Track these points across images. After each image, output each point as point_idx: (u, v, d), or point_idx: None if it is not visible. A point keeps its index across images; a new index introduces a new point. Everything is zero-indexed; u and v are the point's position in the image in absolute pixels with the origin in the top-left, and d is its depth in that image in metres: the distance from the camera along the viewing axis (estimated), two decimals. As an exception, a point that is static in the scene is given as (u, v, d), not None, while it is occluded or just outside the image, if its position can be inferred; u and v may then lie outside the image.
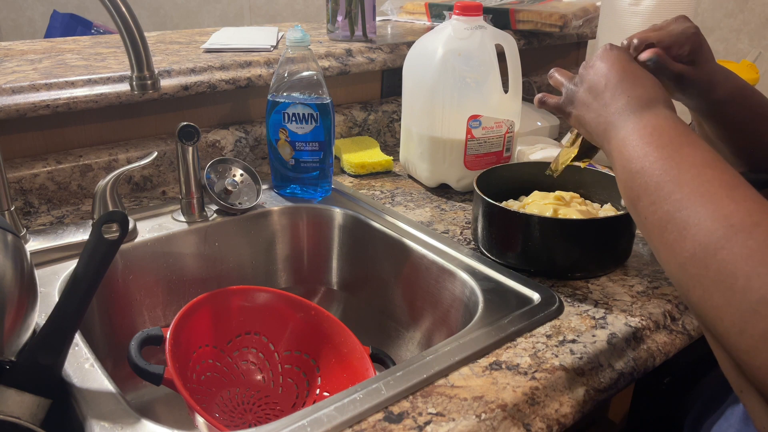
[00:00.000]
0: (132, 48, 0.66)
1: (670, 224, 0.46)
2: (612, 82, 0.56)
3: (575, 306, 0.67)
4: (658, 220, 0.47)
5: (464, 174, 0.92)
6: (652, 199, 0.48)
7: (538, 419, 0.53)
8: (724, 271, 0.41)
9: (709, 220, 0.43)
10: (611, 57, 0.58)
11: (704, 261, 0.42)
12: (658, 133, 0.51)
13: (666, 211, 0.46)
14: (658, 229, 0.47)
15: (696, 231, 0.43)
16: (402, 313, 0.83)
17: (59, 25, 2.80)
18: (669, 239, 0.45)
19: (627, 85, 0.56)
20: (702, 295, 0.42)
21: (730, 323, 0.40)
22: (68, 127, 0.89)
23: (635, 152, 0.51)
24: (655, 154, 0.49)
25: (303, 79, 0.85)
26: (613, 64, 0.58)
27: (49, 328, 0.50)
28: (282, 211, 0.89)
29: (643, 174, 0.49)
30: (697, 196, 0.45)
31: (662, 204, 0.47)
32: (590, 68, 0.59)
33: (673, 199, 0.46)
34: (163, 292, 0.82)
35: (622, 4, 1.11)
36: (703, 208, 0.44)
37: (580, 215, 0.72)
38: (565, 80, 0.62)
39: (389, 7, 1.51)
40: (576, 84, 0.60)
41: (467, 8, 0.88)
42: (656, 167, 0.49)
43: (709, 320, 0.42)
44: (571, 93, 0.61)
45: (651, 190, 0.48)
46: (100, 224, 0.51)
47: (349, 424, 0.50)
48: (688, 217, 0.44)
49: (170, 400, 0.76)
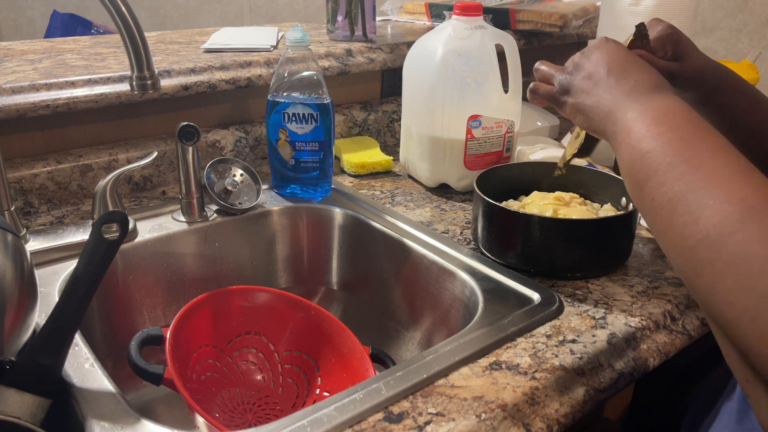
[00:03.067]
0: (132, 48, 0.66)
1: (681, 205, 0.44)
2: (616, 68, 0.56)
3: (575, 306, 0.67)
4: (668, 201, 0.45)
5: (464, 174, 0.92)
6: (663, 180, 0.46)
7: (538, 419, 0.53)
8: (739, 254, 0.39)
9: (724, 202, 0.42)
10: (610, 47, 0.58)
11: (718, 244, 0.41)
12: (672, 114, 0.50)
13: (678, 192, 0.45)
14: (667, 211, 0.45)
15: (710, 213, 0.42)
16: (402, 313, 0.83)
17: (59, 25, 2.80)
18: (679, 221, 0.44)
19: (633, 70, 0.55)
20: (712, 279, 0.41)
21: (743, 308, 0.38)
22: (68, 127, 0.89)
23: (647, 131, 0.49)
24: (668, 134, 0.48)
25: (303, 79, 0.85)
26: (615, 52, 0.57)
27: (49, 328, 0.50)
28: (282, 211, 0.89)
29: (655, 153, 0.48)
30: (711, 178, 0.44)
31: (674, 184, 0.45)
32: (587, 58, 0.59)
33: (687, 180, 0.45)
34: (163, 292, 0.82)
35: (622, 4, 1.11)
36: (719, 190, 0.43)
37: (580, 215, 0.72)
38: (555, 71, 0.62)
39: (389, 7, 1.51)
40: (570, 73, 0.60)
41: (467, 8, 0.88)
42: (669, 147, 0.47)
43: (718, 306, 0.41)
44: (565, 82, 0.60)
45: (662, 170, 0.47)
46: (100, 224, 0.51)
47: (349, 424, 0.50)
48: (702, 198, 0.43)
49: (170, 400, 0.76)
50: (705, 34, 1.93)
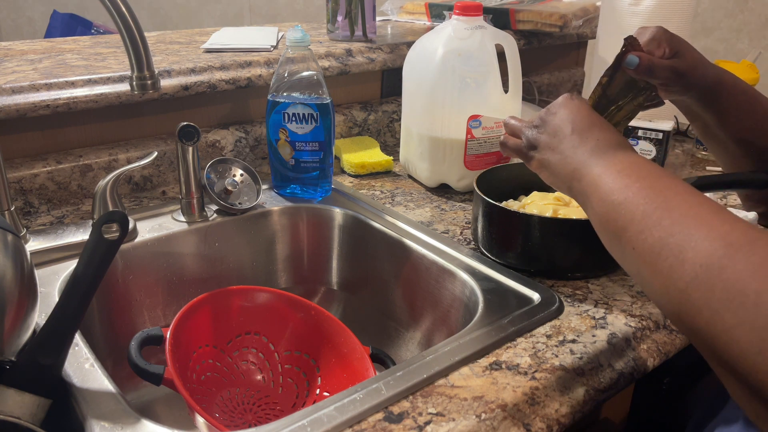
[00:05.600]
0: (132, 48, 0.66)
1: (664, 250, 0.45)
2: (579, 127, 0.57)
3: (575, 306, 0.67)
4: (649, 248, 0.46)
5: (464, 174, 0.92)
6: (640, 228, 0.47)
7: (538, 419, 0.53)
8: (731, 289, 0.39)
9: (706, 240, 0.42)
10: (574, 105, 0.60)
11: (708, 282, 0.41)
12: (636, 167, 0.52)
13: (658, 238, 0.45)
14: (650, 257, 0.46)
15: (694, 254, 0.42)
16: (402, 313, 0.83)
17: (59, 25, 2.80)
18: (665, 266, 0.44)
19: (595, 129, 0.57)
20: (710, 318, 0.40)
21: (747, 343, 0.38)
22: (68, 127, 0.89)
23: (615, 185, 0.51)
24: (636, 184, 0.50)
25: (303, 79, 0.85)
26: (578, 110, 0.59)
27: (49, 328, 0.50)
28: (282, 211, 0.89)
29: (627, 204, 0.49)
30: (688, 219, 0.45)
31: (652, 231, 0.46)
32: (553, 114, 0.60)
33: (664, 225, 0.45)
34: (163, 292, 0.82)
35: (622, 4, 1.11)
36: (697, 230, 0.43)
37: (580, 215, 0.72)
38: (524, 126, 0.63)
39: (389, 7, 1.51)
40: (538, 129, 0.61)
41: (467, 8, 0.88)
42: (641, 196, 0.49)
43: (721, 344, 0.40)
44: (532, 138, 0.61)
45: (638, 218, 0.48)
46: (100, 224, 0.51)
47: (349, 424, 0.50)
48: (683, 240, 0.44)
49: (170, 400, 0.76)
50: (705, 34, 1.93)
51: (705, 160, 1.13)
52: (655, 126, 1.03)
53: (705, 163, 1.12)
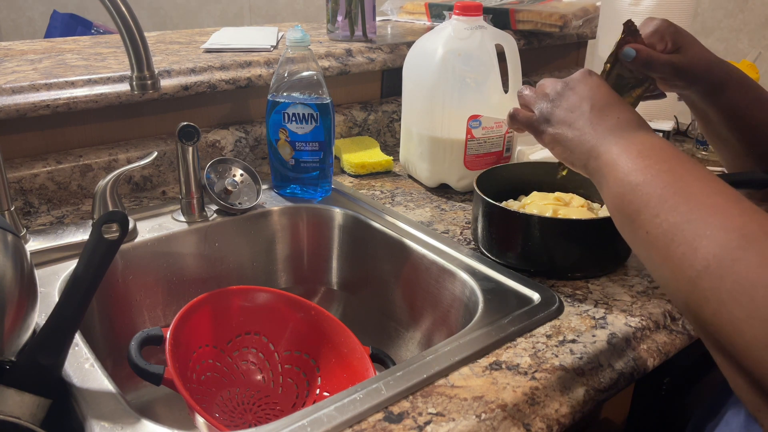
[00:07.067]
0: (132, 48, 0.66)
1: (678, 236, 0.44)
2: (598, 104, 0.56)
3: (575, 306, 0.67)
4: (663, 233, 0.45)
5: (464, 174, 0.92)
6: (656, 212, 0.46)
7: (538, 419, 0.53)
8: (742, 282, 0.39)
9: (722, 230, 0.42)
10: (594, 82, 0.58)
11: (719, 273, 0.40)
12: (657, 149, 0.50)
13: (673, 223, 0.45)
14: (663, 243, 0.45)
15: (709, 242, 0.42)
16: (402, 313, 0.83)
17: (59, 25, 2.80)
18: (677, 253, 0.44)
19: (615, 108, 0.56)
20: (717, 309, 0.40)
21: (752, 336, 0.38)
22: (68, 127, 0.89)
23: (634, 165, 0.50)
24: (656, 167, 0.48)
25: (303, 79, 0.85)
26: (598, 87, 0.58)
27: (49, 328, 0.50)
28: (282, 211, 0.89)
29: (645, 185, 0.48)
30: (705, 207, 0.44)
31: (668, 215, 0.45)
32: (571, 90, 0.58)
33: (681, 211, 0.45)
34: (163, 292, 0.82)
35: (622, 4, 1.11)
36: (714, 219, 0.43)
37: (580, 215, 0.72)
38: (539, 99, 0.61)
39: (389, 7, 1.51)
40: (553, 103, 0.59)
41: (467, 8, 0.88)
42: (659, 179, 0.47)
43: (727, 336, 0.40)
44: (546, 111, 0.59)
45: (654, 201, 0.47)
46: (100, 224, 0.51)
47: (349, 424, 0.50)
48: (698, 228, 0.43)
49: (170, 400, 0.76)
50: (705, 34, 1.93)
51: (705, 160, 1.13)
52: (655, 126, 1.03)
53: (705, 163, 1.12)
